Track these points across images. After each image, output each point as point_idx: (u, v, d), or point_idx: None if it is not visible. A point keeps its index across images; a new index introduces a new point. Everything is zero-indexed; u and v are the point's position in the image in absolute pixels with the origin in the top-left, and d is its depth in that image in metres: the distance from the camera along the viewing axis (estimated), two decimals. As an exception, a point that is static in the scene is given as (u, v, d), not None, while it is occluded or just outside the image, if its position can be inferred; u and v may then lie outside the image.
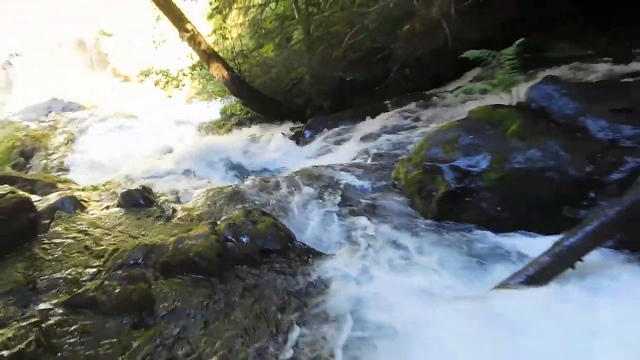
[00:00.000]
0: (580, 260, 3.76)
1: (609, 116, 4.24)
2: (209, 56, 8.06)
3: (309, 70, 7.20)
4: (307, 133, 6.73)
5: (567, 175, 4.06)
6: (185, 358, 3.06)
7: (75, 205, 5.25)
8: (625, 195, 3.86)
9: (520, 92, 4.72)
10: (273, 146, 6.60)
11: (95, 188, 5.84)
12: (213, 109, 9.61)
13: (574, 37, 5.91)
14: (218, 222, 4.20)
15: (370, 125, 6.55)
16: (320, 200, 4.60)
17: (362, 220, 4.28)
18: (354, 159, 5.50)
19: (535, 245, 3.83)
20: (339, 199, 4.57)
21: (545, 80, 4.69)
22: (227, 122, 8.52)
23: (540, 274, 3.74)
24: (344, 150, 5.98)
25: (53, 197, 5.36)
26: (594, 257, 3.73)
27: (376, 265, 3.72)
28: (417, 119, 6.05)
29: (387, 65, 6.55)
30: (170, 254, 3.92)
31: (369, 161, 5.34)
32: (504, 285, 3.70)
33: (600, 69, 4.92)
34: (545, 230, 3.98)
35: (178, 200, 5.20)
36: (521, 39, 4.58)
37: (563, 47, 5.52)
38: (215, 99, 9.92)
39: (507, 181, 4.19)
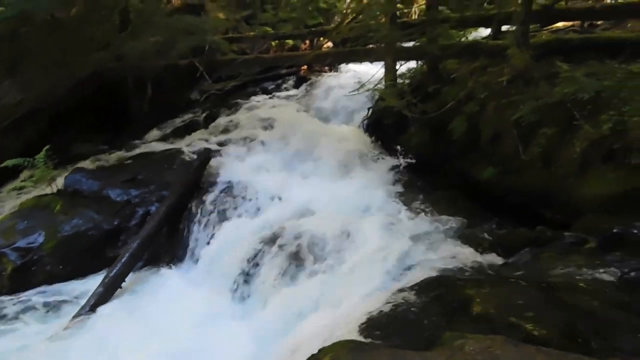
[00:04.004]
0: (124, 281, 4.29)
1: (122, 185, 4.99)
2: None
3: None
4: None
5: (103, 229, 4.57)
6: None
7: None
8: (140, 232, 4.63)
9: (59, 182, 5.02)
10: None
11: None
12: None
13: (97, 139, 6.56)
14: None
15: None
16: None
17: None
18: None
19: (95, 281, 4.24)
20: None
21: (74, 171, 5.20)
22: None
23: (100, 300, 4.08)
24: None
25: None
26: (131, 275, 4.32)
27: None
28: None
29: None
30: None
31: None
32: (79, 314, 3.91)
33: (113, 157, 5.67)
34: (98, 269, 4.42)
35: None
36: (47, 146, 4.90)
37: (86, 146, 6.11)
38: None
39: (62, 245, 4.42)
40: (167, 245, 4.74)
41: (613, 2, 5.88)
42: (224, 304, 3.81)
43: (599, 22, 6.16)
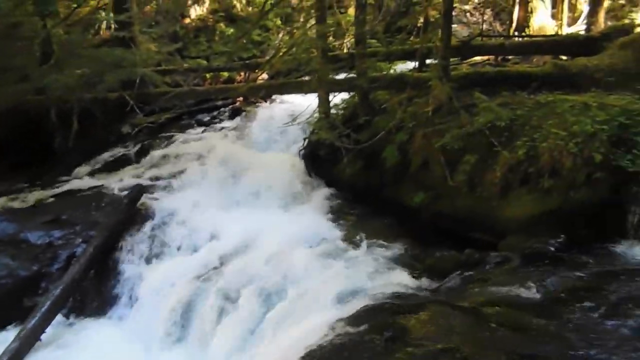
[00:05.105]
0: (44, 333, 3.92)
1: (42, 226, 4.61)
2: None
3: None
4: None
5: (19, 277, 4.19)
6: None
7: None
8: (64, 276, 4.28)
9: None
10: None
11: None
12: None
13: (15, 177, 6.08)
14: None
15: None
16: None
17: None
18: None
19: (9, 335, 3.85)
20: None
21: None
22: None
23: (15, 357, 3.71)
24: None
25: None
26: (53, 326, 3.96)
27: None
28: None
29: None
30: None
31: None
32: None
33: (33, 196, 5.27)
34: (13, 321, 3.98)
35: None
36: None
37: (1, 185, 5.64)
38: None
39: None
40: (96, 290, 4.41)
41: (520, 40, 6.50)
42: (159, 352, 3.58)
43: (510, 57, 6.78)
